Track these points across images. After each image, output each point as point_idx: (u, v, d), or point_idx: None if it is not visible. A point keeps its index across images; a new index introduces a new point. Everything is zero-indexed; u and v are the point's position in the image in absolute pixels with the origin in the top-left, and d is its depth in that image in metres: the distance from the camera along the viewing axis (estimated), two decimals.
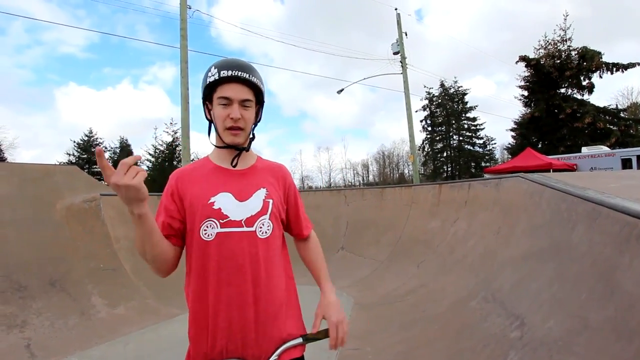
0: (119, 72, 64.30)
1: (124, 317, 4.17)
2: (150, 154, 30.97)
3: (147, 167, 31.67)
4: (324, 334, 1.10)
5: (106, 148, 32.87)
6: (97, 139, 32.40)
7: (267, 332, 1.05)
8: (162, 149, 30.92)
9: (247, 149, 1.14)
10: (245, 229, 1.05)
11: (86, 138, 31.93)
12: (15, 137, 44.65)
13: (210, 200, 1.05)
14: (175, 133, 30.12)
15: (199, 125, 70.13)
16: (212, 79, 1.06)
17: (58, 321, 3.72)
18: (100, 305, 4.21)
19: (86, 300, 4.17)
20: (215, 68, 1.06)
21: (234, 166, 1.12)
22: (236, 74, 1.04)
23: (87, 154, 31.51)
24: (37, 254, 4.29)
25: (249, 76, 1.06)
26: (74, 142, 31.49)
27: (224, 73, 1.04)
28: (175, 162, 30.19)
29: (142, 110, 61.79)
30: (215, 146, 1.15)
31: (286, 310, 1.12)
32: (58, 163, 25.33)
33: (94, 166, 31.72)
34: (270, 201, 1.11)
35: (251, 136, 1.14)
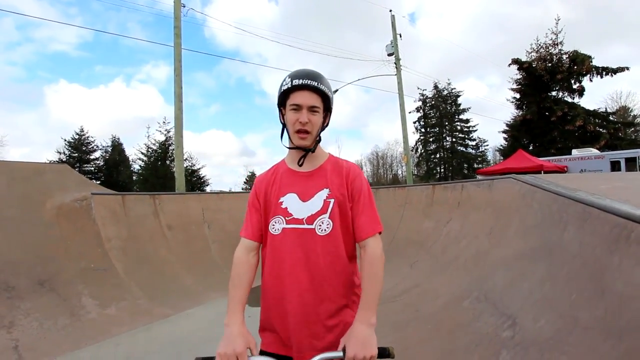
0: (112, 70, 63.13)
1: (115, 318, 4.12)
2: (142, 153, 30.58)
3: (140, 166, 31.33)
4: None
5: (97, 147, 32.43)
6: (88, 137, 31.89)
7: (317, 327, 1.12)
8: (154, 148, 30.55)
9: (313, 151, 1.23)
10: (306, 226, 1.17)
11: (77, 137, 31.41)
12: (3, 135, 43.67)
13: (280, 200, 1.21)
14: (169, 132, 29.81)
15: (193, 124, 69.46)
16: (285, 87, 1.18)
17: (47, 322, 3.66)
18: (90, 305, 4.14)
19: (76, 301, 4.10)
20: (289, 77, 1.18)
21: (301, 165, 1.24)
22: (306, 82, 1.15)
23: (78, 152, 31.01)
24: (25, 253, 4.22)
25: (318, 84, 1.17)
26: (65, 140, 30.95)
27: (295, 82, 1.16)
28: (168, 162, 29.87)
29: (134, 109, 60.77)
30: (287, 147, 1.27)
31: (340, 310, 1.17)
32: (48, 161, 24.92)
33: (85, 165, 31.29)
34: (332, 201, 1.18)
35: (318, 139, 1.24)
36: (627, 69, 22.70)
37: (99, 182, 27.54)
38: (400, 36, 16.82)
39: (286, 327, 1.14)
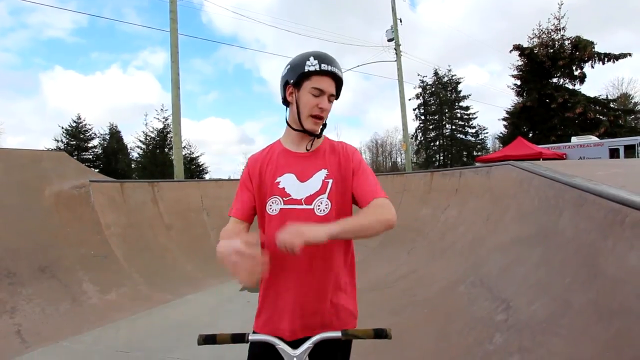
0: (108, 56, 61.99)
1: (115, 303, 4.17)
2: (140, 141, 30.37)
3: (138, 154, 31.21)
4: (369, 333, 1.04)
5: (95, 135, 32.22)
6: (85, 125, 31.64)
7: (312, 309, 1.13)
8: (152, 135, 30.33)
9: (319, 136, 1.24)
10: (304, 206, 1.15)
11: (74, 124, 31.16)
12: (0, 122, 43.30)
13: (277, 180, 1.19)
14: (167, 120, 29.57)
15: (190, 111, 68.85)
16: (312, 68, 1.13)
17: (49, 307, 3.71)
18: (91, 291, 4.20)
19: (77, 287, 4.15)
20: (315, 59, 1.14)
21: (308, 150, 1.23)
22: (333, 69, 1.14)
23: (75, 140, 30.82)
24: (25, 240, 4.24)
25: (341, 74, 1.17)
26: (62, 128, 30.68)
27: (324, 66, 1.13)
28: (166, 149, 29.74)
29: (132, 96, 59.93)
30: (292, 128, 1.23)
31: (336, 292, 1.17)
32: (46, 149, 24.79)
33: (83, 153, 31.15)
34: (330, 181, 1.18)
35: (324, 124, 1.24)
36: (630, 55, 22.47)
37: (97, 170, 27.50)
38: (401, 21, 16.55)
39: (281, 308, 1.15)
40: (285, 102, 1.23)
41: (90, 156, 31.80)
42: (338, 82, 1.18)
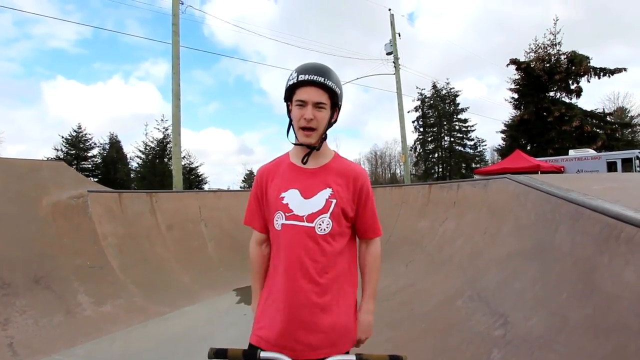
0: (110, 67, 62.46)
1: (110, 315, 4.12)
2: (140, 151, 30.46)
3: (138, 164, 31.21)
4: (384, 359, 1.02)
5: (95, 144, 32.29)
6: (86, 134, 31.74)
7: (310, 325, 1.12)
8: (152, 145, 30.40)
9: (318, 149, 1.21)
10: (306, 223, 1.15)
11: (75, 133, 31.26)
12: (1, 131, 43.35)
13: (281, 195, 1.19)
14: (167, 130, 29.67)
15: (190, 122, 69.17)
16: (291, 82, 1.15)
17: (42, 319, 3.66)
18: (86, 303, 4.14)
19: (72, 298, 4.10)
20: (295, 72, 1.15)
21: (304, 163, 1.22)
22: (312, 78, 1.12)
23: (75, 149, 30.86)
24: (21, 250, 4.21)
25: (324, 80, 1.13)
26: (62, 137, 30.79)
27: (301, 77, 1.13)
28: (165, 159, 29.76)
29: (132, 106, 60.18)
30: (292, 144, 1.25)
31: (334, 309, 1.16)
32: (45, 159, 24.79)
33: (83, 162, 31.16)
34: (333, 201, 1.17)
35: (323, 136, 1.21)
36: (625, 69, 22.80)
37: (96, 179, 27.41)
38: (399, 35, 16.85)
39: (279, 323, 1.14)
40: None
41: (90, 165, 31.80)
42: (327, 89, 1.13)
